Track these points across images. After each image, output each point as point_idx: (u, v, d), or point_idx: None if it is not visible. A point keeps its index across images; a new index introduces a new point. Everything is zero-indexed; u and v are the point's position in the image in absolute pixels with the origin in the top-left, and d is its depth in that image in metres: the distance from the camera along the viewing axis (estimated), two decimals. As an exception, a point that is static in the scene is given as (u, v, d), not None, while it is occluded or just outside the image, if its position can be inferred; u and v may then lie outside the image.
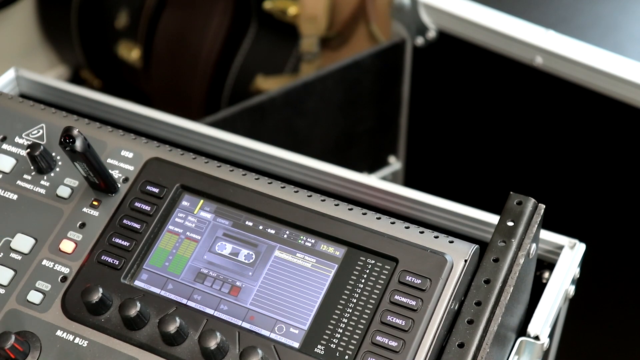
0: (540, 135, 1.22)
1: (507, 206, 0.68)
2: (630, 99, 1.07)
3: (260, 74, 1.61)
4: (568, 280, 0.78)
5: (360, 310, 0.64)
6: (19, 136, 0.75)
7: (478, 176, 1.33)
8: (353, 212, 0.68)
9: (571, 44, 1.11)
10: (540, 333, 0.74)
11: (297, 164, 0.92)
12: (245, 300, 0.66)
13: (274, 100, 1.24)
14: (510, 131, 1.25)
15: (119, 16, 1.77)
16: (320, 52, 1.52)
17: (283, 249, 0.67)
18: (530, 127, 1.22)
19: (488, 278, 0.65)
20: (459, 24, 1.19)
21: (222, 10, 1.64)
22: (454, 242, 0.66)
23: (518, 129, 1.24)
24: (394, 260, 0.65)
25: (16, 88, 1.00)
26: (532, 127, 1.22)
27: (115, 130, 0.75)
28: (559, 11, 1.20)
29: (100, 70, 1.90)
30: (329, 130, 1.34)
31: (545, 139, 1.22)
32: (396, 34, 1.28)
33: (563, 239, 0.81)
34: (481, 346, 0.63)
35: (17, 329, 0.66)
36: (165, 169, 0.71)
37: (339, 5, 1.49)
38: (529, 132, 1.23)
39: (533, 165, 1.26)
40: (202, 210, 0.70)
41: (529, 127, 1.23)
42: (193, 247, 0.68)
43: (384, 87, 1.33)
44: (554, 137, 1.20)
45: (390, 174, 1.43)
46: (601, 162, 1.17)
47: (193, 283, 0.67)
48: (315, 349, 0.63)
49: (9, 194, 0.72)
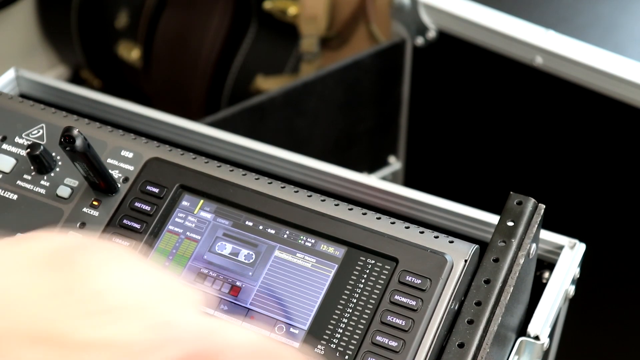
0: (540, 135, 1.22)
1: (507, 206, 0.69)
2: (630, 99, 1.07)
3: (260, 74, 1.61)
4: (568, 280, 0.78)
5: (360, 310, 0.64)
6: (19, 136, 0.75)
7: (478, 176, 1.33)
8: (353, 212, 0.68)
9: (571, 44, 1.11)
10: (540, 333, 0.74)
11: (297, 164, 0.92)
12: (245, 300, 0.66)
13: (274, 100, 1.24)
14: (510, 131, 1.25)
15: (119, 16, 1.77)
16: (320, 52, 1.52)
17: (283, 249, 0.67)
18: (530, 127, 1.22)
19: (488, 278, 0.65)
20: (459, 24, 1.19)
21: (222, 11, 1.64)
22: (454, 242, 0.66)
23: (518, 129, 1.24)
24: (394, 260, 0.65)
25: (16, 88, 1.00)
26: (532, 127, 1.22)
27: (115, 130, 0.75)
28: (559, 11, 1.20)
29: (100, 70, 1.90)
30: (329, 130, 1.34)
31: (545, 139, 1.22)
32: (396, 34, 1.28)
33: (563, 239, 0.81)
34: (481, 346, 0.63)
35: (17, 329, 0.66)
36: (165, 169, 0.71)
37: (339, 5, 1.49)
38: (529, 132, 1.23)
39: (533, 165, 1.26)
40: (202, 210, 0.70)
41: (529, 127, 1.23)
42: (193, 247, 0.68)
43: (384, 87, 1.33)
44: (554, 137, 1.20)
45: (390, 174, 1.43)
46: (601, 162, 1.17)
47: (193, 283, 0.67)
48: (315, 349, 0.63)
49: (9, 194, 0.72)
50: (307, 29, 1.50)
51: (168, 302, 0.50)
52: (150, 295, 0.50)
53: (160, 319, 0.49)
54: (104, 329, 0.47)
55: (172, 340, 0.49)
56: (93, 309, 0.47)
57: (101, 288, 0.48)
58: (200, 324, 0.50)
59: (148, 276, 0.51)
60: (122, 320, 0.48)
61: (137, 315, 0.48)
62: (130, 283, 0.50)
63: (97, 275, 0.49)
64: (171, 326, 0.49)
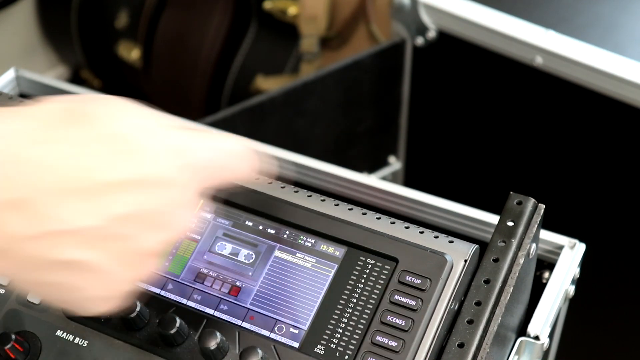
0: (540, 135, 1.22)
1: (507, 206, 0.68)
2: (630, 99, 1.07)
3: (260, 74, 1.61)
4: (568, 280, 0.78)
5: (360, 310, 0.64)
6: (19, 136, 0.75)
7: (478, 176, 1.33)
8: (353, 212, 0.68)
9: (571, 44, 1.11)
10: (540, 333, 0.74)
11: (297, 164, 0.92)
12: (245, 300, 0.66)
13: (274, 100, 1.24)
14: (510, 131, 1.25)
15: (119, 16, 1.77)
16: (320, 52, 1.52)
17: (283, 249, 0.67)
18: (530, 127, 1.22)
19: (488, 278, 0.65)
20: (459, 24, 1.19)
21: (222, 11, 1.64)
22: (454, 242, 0.66)
23: (518, 129, 1.24)
24: (394, 260, 0.65)
25: (16, 88, 1.00)
26: (532, 127, 1.22)
27: (115, 130, 0.75)
28: (559, 11, 1.20)
29: (100, 70, 1.90)
30: (329, 130, 1.34)
31: (545, 139, 1.22)
32: (396, 34, 1.28)
33: (563, 239, 0.81)
34: (481, 346, 0.63)
35: (17, 329, 0.66)
36: (165, 169, 0.71)
37: (339, 5, 1.49)
38: (529, 132, 1.23)
39: (533, 165, 1.26)
40: (202, 210, 0.70)
41: (529, 127, 1.23)
42: (193, 247, 0.68)
43: (384, 87, 1.33)
44: (554, 137, 1.20)
45: (390, 174, 1.43)
46: (601, 162, 1.17)
47: (193, 283, 0.67)
48: (315, 349, 0.63)
49: (9, 194, 0.72)
50: (307, 29, 1.50)
51: (181, 132, 0.54)
52: (166, 130, 0.54)
53: (178, 147, 0.53)
54: (130, 166, 0.51)
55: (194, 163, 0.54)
56: (123, 149, 0.51)
57: (125, 131, 0.51)
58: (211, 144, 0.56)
59: (157, 117, 0.54)
60: (148, 155, 0.51)
61: (159, 148, 0.52)
62: (148, 123, 0.53)
63: (116, 120, 0.52)
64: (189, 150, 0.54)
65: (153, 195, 0.51)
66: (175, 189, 0.53)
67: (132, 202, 0.51)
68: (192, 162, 0.54)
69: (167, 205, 0.52)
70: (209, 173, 0.56)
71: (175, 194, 0.53)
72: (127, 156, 0.51)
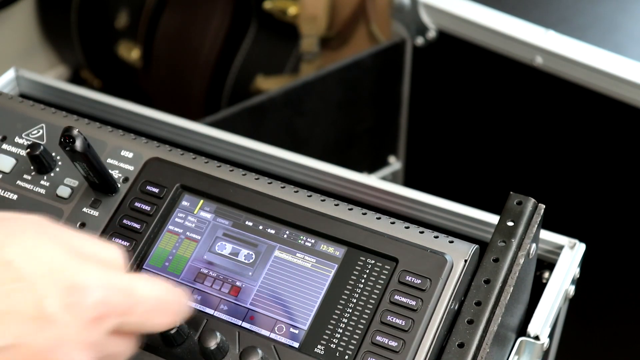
0: (540, 135, 1.22)
1: (507, 206, 0.69)
2: (630, 99, 1.07)
3: (260, 74, 1.61)
4: (568, 280, 0.78)
5: (360, 310, 0.64)
6: (19, 136, 0.75)
7: (478, 176, 1.33)
8: (353, 212, 0.68)
9: (571, 44, 1.11)
10: (540, 333, 0.74)
11: (297, 164, 0.92)
12: (245, 300, 0.66)
13: (274, 100, 1.24)
14: (510, 131, 1.25)
15: (119, 16, 1.77)
16: (320, 52, 1.52)
17: (283, 249, 0.67)
18: (530, 127, 1.22)
19: (488, 278, 0.65)
20: (459, 24, 1.19)
21: (222, 11, 1.64)
22: (454, 242, 0.66)
23: (518, 129, 1.24)
24: (394, 260, 0.65)
25: (16, 88, 1.00)
26: (532, 127, 1.22)
27: (115, 130, 0.75)
28: (559, 11, 1.21)
29: (100, 70, 1.90)
30: (329, 130, 1.34)
31: (545, 139, 1.22)
32: (396, 34, 1.28)
33: (563, 239, 0.81)
34: (481, 346, 0.63)
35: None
36: (165, 169, 0.71)
37: (339, 5, 1.49)
38: (528, 132, 1.23)
39: (533, 165, 1.26)
40: (202, 210, 0.70)
41: (529, 127, 1.23)
42: (193, 247, 0.68)
43: (384, 87, 1.33)
44: (554, 137, 1.20)
45: (390, 174, 1.43)
46: (601, 162, 1.17)
47: (193, 283, 0.67)
48: (315, 349, 0.63)
49: (8, 194, 0.72)
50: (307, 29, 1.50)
51: (79, 266, 0.52)
52: (61, 261, 0.51)
53: (69, 282, 0.50)
54: (11, 297, 0.49)
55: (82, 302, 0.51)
56: (6, 277, 0.49)
57: (12, 258, 0.50)
58: (109, 283, 0.52)
59: (61, 243, 0.52)
60: (32, 287, 0.49)
61: (47, 281, 0.50)
62: (42, 251, 0.51)
63: (9, 245, 0.50)
64: (80, 288, 0.51)
65: (31, 330, 0.49)
66: (55, 327, 0.50)
67: (9, 335, 0.48)
68: (81, 301, 0.51)
69: (46, 343, 0.50)
70: (99, 313, 0.52)
71: (55, 332, 0.50)
72: (9, 286, 0.49)
